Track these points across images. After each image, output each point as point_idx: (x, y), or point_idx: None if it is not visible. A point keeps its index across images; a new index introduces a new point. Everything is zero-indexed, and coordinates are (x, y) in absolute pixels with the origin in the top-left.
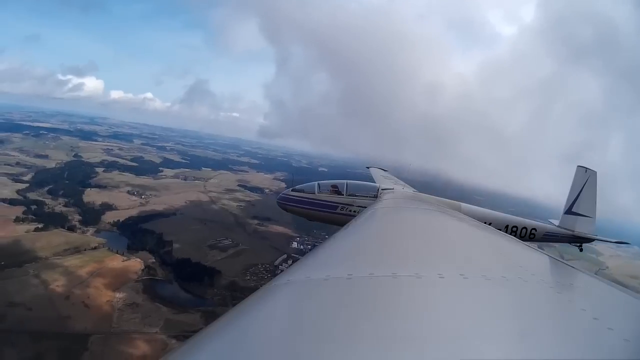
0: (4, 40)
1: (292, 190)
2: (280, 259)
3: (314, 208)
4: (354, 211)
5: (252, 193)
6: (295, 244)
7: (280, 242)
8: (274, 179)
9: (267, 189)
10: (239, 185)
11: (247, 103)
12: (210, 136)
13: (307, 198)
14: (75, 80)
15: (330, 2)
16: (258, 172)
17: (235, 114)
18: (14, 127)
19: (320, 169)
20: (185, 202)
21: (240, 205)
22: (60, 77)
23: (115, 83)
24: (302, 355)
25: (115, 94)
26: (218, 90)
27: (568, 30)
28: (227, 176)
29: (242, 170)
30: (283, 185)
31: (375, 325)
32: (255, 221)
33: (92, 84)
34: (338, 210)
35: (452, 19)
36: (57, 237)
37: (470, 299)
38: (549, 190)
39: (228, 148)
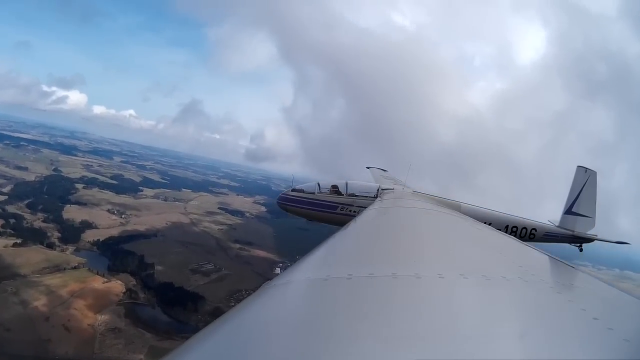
0: None
1: (292, 190)
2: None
3: (314, 208)
4: (354, 211)
5: (232, 216)
6: (278, 270)
7: (263, 268)
8: (254, 202)
9: (248, 212)
10: (219, 208)
11: (229, 125)
12: (189, 156)
13: (307, 198)
14: (60, 92)
15: (337, 24)
16: (238, 195)
17: (216, 136)
18: None
19: None
20: (166, 224)
21: (222, 229)
22: (45, 88)
23: (98, 98)
24: (302, 355)
25: (98, 109)
26: (201, 112)
27: (583, 66)
28: (208, 198)
29: (222, 193)
30: (263, 209)
31: (375, 325)
32: (237, 245)
33: (75, 98)
34: (338, 210)
35: (467, 49)
36: (37, 254)
37: (470, 299)
38: (557, 217)
39: (207, 169)
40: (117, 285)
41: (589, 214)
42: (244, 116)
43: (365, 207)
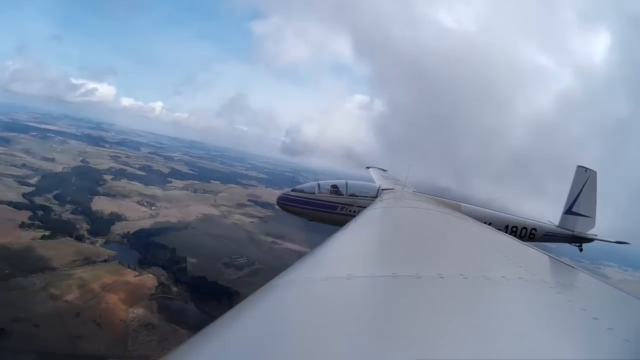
0: (25, 39)
1: (292, 190)
2: None
3: (314, 208)
4: (354, 211)
5: (263, 209)
6: None
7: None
8: None
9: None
10: (249, 200)
11: (261, 119)
12: (217, 148)
13: (307, 198)
14: (89, 84)
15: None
16: (267, 187)
17: (244, 128)
18: (20, 128)
19: None
20: (197, 216)
21: (253, 221)
22: (74, 80)
23: (128, 90)
24: (301, 355)
25: (126, 101)
26: (229, 103)
27: None
28: (237, 190)
29: (251, 185)
30: None
31: (375, 325)
32: (270, 238)
33: (104, 90)
34: (338, 210)
35: (536, 53)
36: (65, 247)
37: (470, 299)
38: (619, 223)
39: (234, 161)
40: (149, 279)
41: (589, 213)
42: (275, 111)
43: (365, 207)
